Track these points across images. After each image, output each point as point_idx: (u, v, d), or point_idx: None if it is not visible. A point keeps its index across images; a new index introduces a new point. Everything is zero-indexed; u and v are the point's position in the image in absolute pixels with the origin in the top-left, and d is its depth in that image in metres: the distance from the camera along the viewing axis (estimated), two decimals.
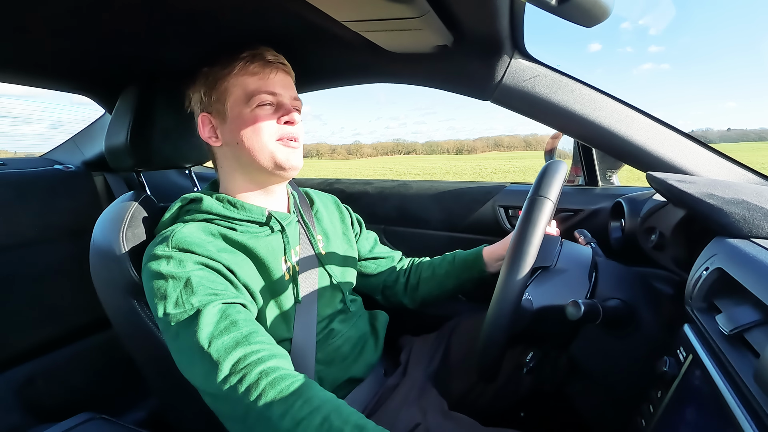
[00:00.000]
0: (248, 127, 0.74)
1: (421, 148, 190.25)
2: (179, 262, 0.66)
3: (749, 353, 0.43)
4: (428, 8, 0.61)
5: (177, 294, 0.63)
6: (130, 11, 0.68)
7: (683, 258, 0.73)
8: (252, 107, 0.74)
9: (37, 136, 17.09)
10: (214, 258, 0.68)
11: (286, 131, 0.76)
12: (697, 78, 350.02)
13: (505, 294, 0.59)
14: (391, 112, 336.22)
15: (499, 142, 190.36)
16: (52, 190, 1.29)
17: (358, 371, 0.84)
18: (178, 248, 0.67)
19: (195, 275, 0.64)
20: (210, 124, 0.78)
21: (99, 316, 0.87)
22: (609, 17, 0.49)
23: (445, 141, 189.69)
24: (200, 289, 0.63)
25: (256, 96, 0.74)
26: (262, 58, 0.76)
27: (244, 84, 0.75)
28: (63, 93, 1.13)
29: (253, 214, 0.77)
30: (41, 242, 1.25)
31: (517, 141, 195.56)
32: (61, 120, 2.18)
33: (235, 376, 0.55)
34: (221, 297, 0.63)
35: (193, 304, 0.61)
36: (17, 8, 0.64)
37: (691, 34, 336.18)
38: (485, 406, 0.90)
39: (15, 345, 1.18)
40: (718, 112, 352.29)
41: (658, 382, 0.55)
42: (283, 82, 0.78)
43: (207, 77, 0.78)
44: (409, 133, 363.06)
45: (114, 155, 0.92)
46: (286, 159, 0.76)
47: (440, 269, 0.99)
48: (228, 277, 0.68)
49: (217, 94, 0.76)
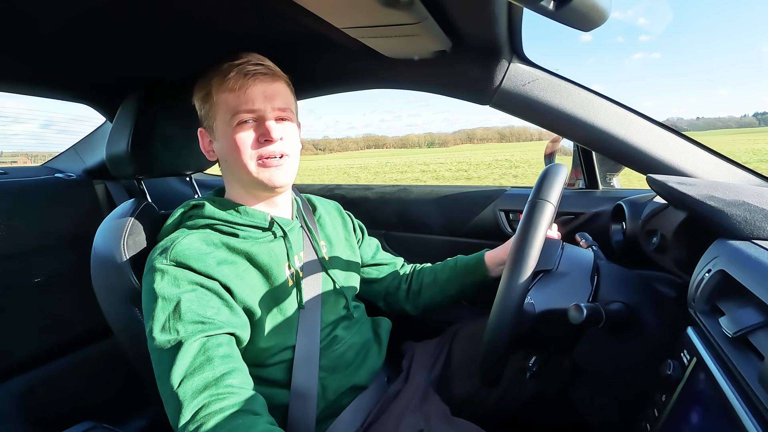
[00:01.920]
0: (231, 147, 0.74)
1: (391, 141, 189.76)
2: (174, 279, 0.66)
3: (753, 355, 0.43)
4: (426, 14, 0.62)
5: (165, 317, 0.63)
6: (130, 20, 0.69)
7: (685, 260, 0.73)
8: (233, 126, 0.73)
9: (28, 135, 16.97)
10: (212, 275, 0.67)
11: (267, 151, 0.73)
12: (688, 66, 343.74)
13: (507, 297, 0.58)
14: (385, 105, 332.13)
15: (472, 135, 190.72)
16: (53, 198, 1.29)
17: (362, 378, 0.84)
18: (176, 262, 0.67)
19: (186, 298, 0.64)
20: (207, 138, 0.79)
21: (100, 324, 0.87)
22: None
23: (416, 135, 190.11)
24: (188, 315, 0.63)
25: (235, 115, 0.72)
26: (241, 70, 0.72)
27: (225, 101, 0.73)
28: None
29: (256, 219, 0.77)
30: (42, 251, 1.25)
31: (491, 133, 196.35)
32: (53, 119, 2.17)
33: (193, 424, 0.57)
34: (207, 327, 0.63)
35: (178, 332, 0.62)
36: (18, 19, 0.64)
37: (683, 25, 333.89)
38: (488, 412, 0.89)
39: (16, 354, 1.18)
40: (710, 101, 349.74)
41: (662, 385, 0.55)
42: (265, 92, 0.74)
43: (199, 90, 0.78)
44: (404, 126, 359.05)
45: (115, 163, 0.92)
46: (269, 179, 0.74)
47: (442, 275, 0.98)
48: (223, 297, 0.68)
49: (206, 110, 0.77)
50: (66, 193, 1.33)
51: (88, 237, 0.86)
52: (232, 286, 0.69)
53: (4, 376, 1.16)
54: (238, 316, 0.69)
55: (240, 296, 0.70)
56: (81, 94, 1.06)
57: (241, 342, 0.69)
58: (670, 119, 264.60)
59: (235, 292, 0.69)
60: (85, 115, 1.45)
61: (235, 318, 0.68)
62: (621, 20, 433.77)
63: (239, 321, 0.69)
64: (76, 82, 0.96)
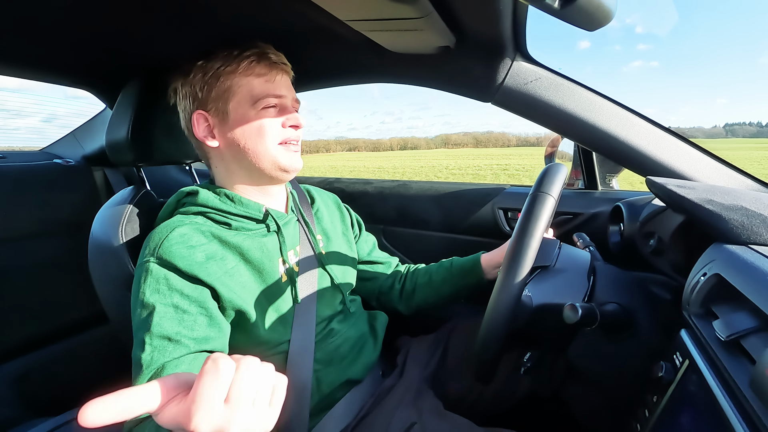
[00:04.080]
0: (253, 129, 0.73)
1: (364, 144, 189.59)
2: (155, 282, 0.64)
3: (745, 360, 0.43)
4: (431, 9, 0.61)
5: (139, 323, 0.63)
6: (132, 6, 0.68)
7: (681, 263, 0.73)
8: (257, 110, 0.73)
9: (30, 130, 16.69)
10: (197, 275, 0.65)
11: (290, 135, 0.76)
12: (686, 75, 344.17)
13: (506, 288, 0.58)
14: (387, 107, 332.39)
15: (447, 139, 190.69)
16: (51, 183, 1.28)
17: (357, 372, 0.84)
18: (161, 260, 0.65)
19: (160, 307, 0.63)
20: (206, 122, 0.75)
21: (96, 310, 0.87)
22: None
23: (388, 139, 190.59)
24: (157, 329, 0.61)
25: (263, 99, 0.73)
26: (268, 59, 0.74)
27: (250, 85, 0.73)
28: (58, 87, 1.12)
29: (250, 209, 0.76)
30: (39, 236, 1.24)
31: (467, 139, 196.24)
32: (56, 113, 2.17)
33: None
34: (171, 349, 0.61)
35: (143, 348, 0.61)
36: (19, 2, 0.64)
37: (682, 34, 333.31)
38: (482, 409, 0.90)
39: (11, 338, 1.18)
40: (709, 108, 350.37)
41: (653, 386, 0.55)
42: (287, 84, 0.77)
43: (205, 72, 0.74)
44: (404, 128, 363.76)
45: (114, 150, 0.92)
46: (290, 162, 0.76)
47: (437, 276, 0.98)
48: (203, 305, 0.66)
49: (218, 91, 0.73)
50: (64, 179, 1.32)
51: (85, 223, 0.86)
52: (219, 286, 0.67)
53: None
54: (217, 326, 0.67)
55: (228, 296, 0.68)
56: (82, 80, 1.05)
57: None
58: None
59: (222, 293, 0.67)
60: (86, 111, 1.44)
61: (213, 330, 0.66)
62: (617, 28, 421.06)
63: (217, 332, 0.66)
64: (77, 67, 0.95)
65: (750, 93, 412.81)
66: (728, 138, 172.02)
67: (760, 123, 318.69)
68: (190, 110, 0.76)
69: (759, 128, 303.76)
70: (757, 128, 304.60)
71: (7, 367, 1.16)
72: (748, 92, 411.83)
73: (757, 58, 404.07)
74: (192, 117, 0.76)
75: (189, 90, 0.76)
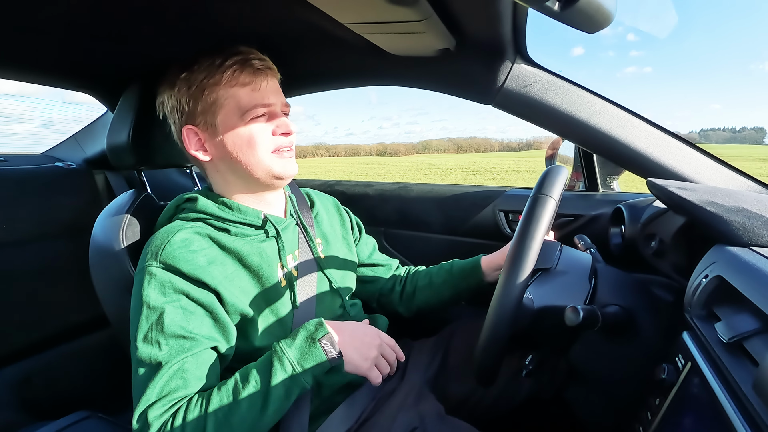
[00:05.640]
0: (244, 141, 0.72)
1: (343, 150, 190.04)
2: (161, 285, 0.65)
3: (748, 362, 0.43)
4: (431, 12, 0.62)
5: (148, 327, 0.63)
6: (133, 9, 0.68)
7: (683, 265, 0.73)
8: (246, 121, 0.72)
9: (27, 135, 16.80)
10: (201, 278, 0.66)
11: (282, 142, 0.75)
12: (680, 81, 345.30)
13: (507, 289, 0.58)
14: (384, 112, 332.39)
15: (427, 145, 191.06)
16: (52, 187, 1.29)
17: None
18: (165, 264, 0.66)
19: (170, 308, 0.64)
20: (197, 137, 0.75)
21: (97, 314, 0.87)
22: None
23: (368, 145, 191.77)
24: (170, 329, 0.62)
25: (251, 110, 0.72)
26: (251, 66, 0.72)
27: (236, 96, 0.72)
28: (55, 92, 1.13)
29: (249, 216, 0.76)
30: (40, 239, 1.24)
31: (446, 144, 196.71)
32: (53, 119, 2.17)
33: None
34: (188, 345, 0.63)
35: (159, 346, 0.62)
36: (20, 6, 0.64)
37: (674, 39, 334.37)
38: (484, 412, 0.89)
39: (12, 342, 1.18)
40: (703, 114, 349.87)
41: (656, 389, 0.55)
42: (274, 89, 0.76)
43: (189, 85, 0.73)
44: (402, 134, 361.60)
45: (115, 153, 0.92)
46: (283, 170, 0.75)
47: (437, 278, 0.98)
48: (208, 307, 0.67)
49: (204, 104, 0.72)
50: (65, 182, 1.33)
51: (87, 227, 0.86)
52: (222, 290, 0.68)
53: (0, 364, 1.16)
54: (223, 327, 0.68)
55: (230, 300, 0.68)
56: (82, 83, 1.06)
57: (225, 357, 0.69)
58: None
59: (225, 296, 0.68)
60: (83, 117, 1.45)
61: (218, 330, 0.67)
62: (610, 35, 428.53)
63: (222, 333, 0.67)
64: (77, 71, 0.96)
65: (739, 101, 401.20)
66: (701, 143, 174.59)
67: (734, 128, 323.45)
68: (180, 124, 0.76)
69: (732, 133, 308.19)
70: (730, 133, 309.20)
71: (9, 370, 1.16)
72: (738, 100, 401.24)
73: (749, 64, 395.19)
74: (182, 132, 0.75)
75: (176, 103, 0.75)
